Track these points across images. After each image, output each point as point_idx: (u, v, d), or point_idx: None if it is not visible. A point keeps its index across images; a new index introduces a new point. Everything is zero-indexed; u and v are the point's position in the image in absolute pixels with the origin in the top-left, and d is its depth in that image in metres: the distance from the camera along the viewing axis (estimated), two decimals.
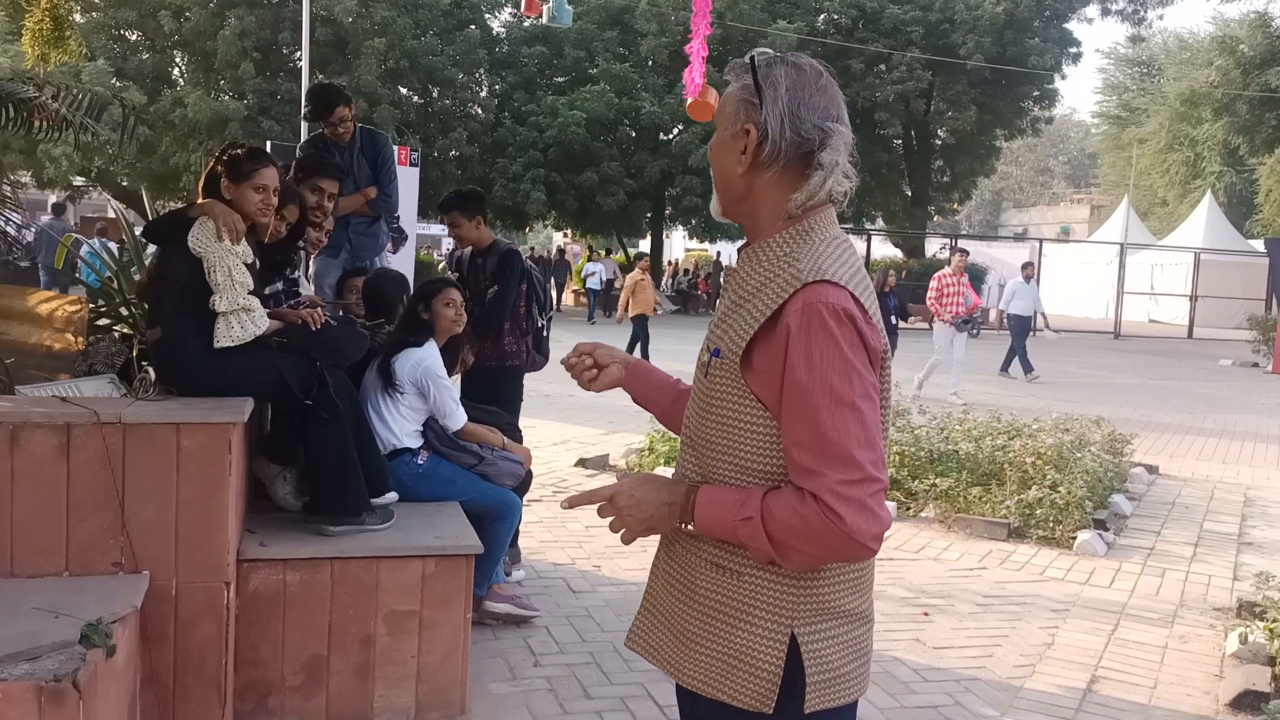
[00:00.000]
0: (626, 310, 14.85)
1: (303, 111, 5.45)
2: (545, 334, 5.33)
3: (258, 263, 3.51)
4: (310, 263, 5.13)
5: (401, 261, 6.32)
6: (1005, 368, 15.76)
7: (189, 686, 3.11)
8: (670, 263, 36.82)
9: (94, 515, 2.99)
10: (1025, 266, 16.56)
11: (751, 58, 1.66)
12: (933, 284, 12.42)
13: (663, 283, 32.03)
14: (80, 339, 3.74)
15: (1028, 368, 15.18)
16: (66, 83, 5.36)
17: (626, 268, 31.00)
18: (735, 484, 1.61)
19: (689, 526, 1.64)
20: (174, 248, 3.29)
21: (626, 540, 1.71)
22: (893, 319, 12.48)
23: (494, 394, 5.08)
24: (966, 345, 12.47)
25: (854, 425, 1.48)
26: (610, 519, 1.70)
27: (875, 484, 1.49)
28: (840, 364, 1.49)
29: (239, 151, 3.48)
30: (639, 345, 14.48)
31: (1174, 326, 29.52)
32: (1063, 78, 29.30)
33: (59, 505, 2.96)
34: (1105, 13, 31.18)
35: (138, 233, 4.81)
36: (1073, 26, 29.38)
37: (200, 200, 3.43)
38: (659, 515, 1.65)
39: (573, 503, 1.76)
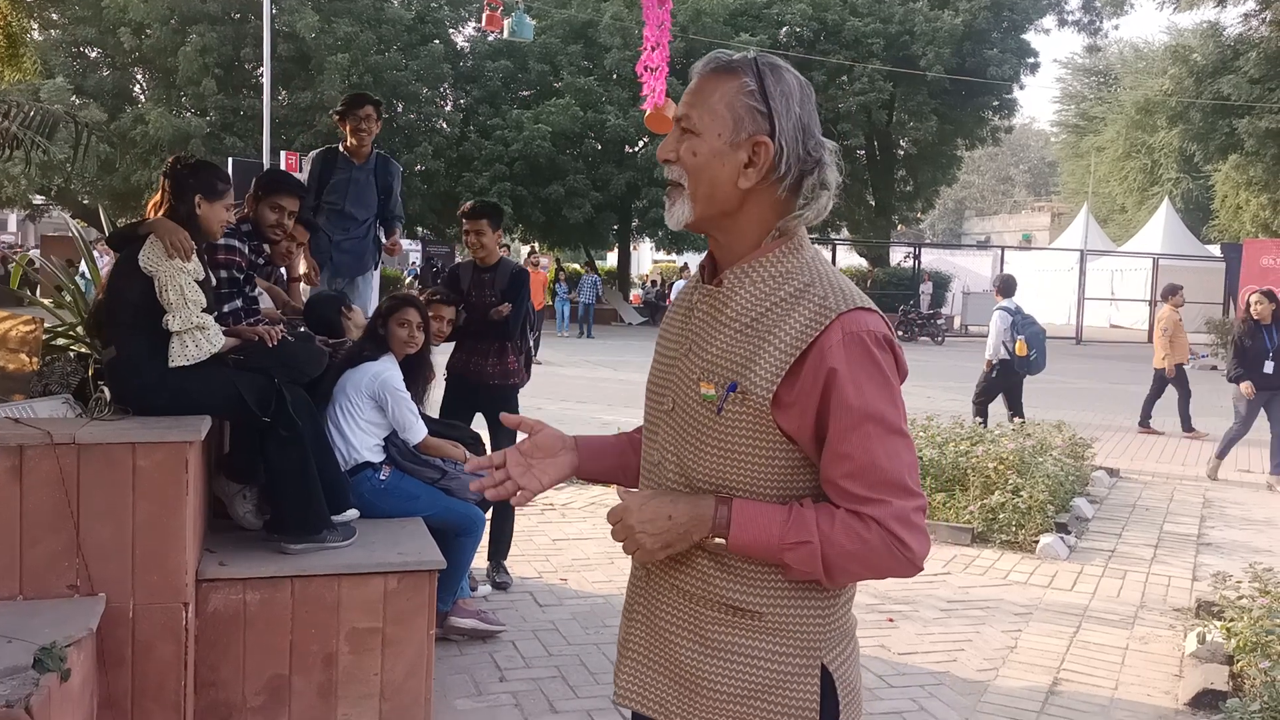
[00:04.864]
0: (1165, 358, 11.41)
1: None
2: (535, 351, 5.43)
3: (211, 279, 3.49)
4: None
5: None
6: None
7: (148, 710, 3.07)
8: (642, 276, 37.03)
9: (48, 537, 2.95)
10: None
11: (755, 58, 1.54)
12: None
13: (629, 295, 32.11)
14: (35, 359, 3.69)
15: None
16: (19, 100, 5.30)
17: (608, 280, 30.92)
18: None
19: (718, 540, 1.52)
20: (126, 266, 3.26)
21: (643, 560, 1.58)
22: (1269, 363, 8.66)
23: (499, 411, 5.09)
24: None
25: (904, 452, 1.49)
26: (623, 540, 1.56)
27: (924, 507, 1.52)
28: (888, 392, 1.49)
29: (210, 169, 3.48)
30: (1182, 400, 11.48)
31: (1134, 331, 29.95)
32: (1021, 88, 29.70)
33: (12, 527, 2.92)
34: (1062, 23, 31.63)
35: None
36: (1030, 37, 29.85)
37: (154, 217, 3.41)
38: (677, 531, 1.52)
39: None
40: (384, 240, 5.84)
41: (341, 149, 5.53)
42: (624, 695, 1.67)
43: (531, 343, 5.46)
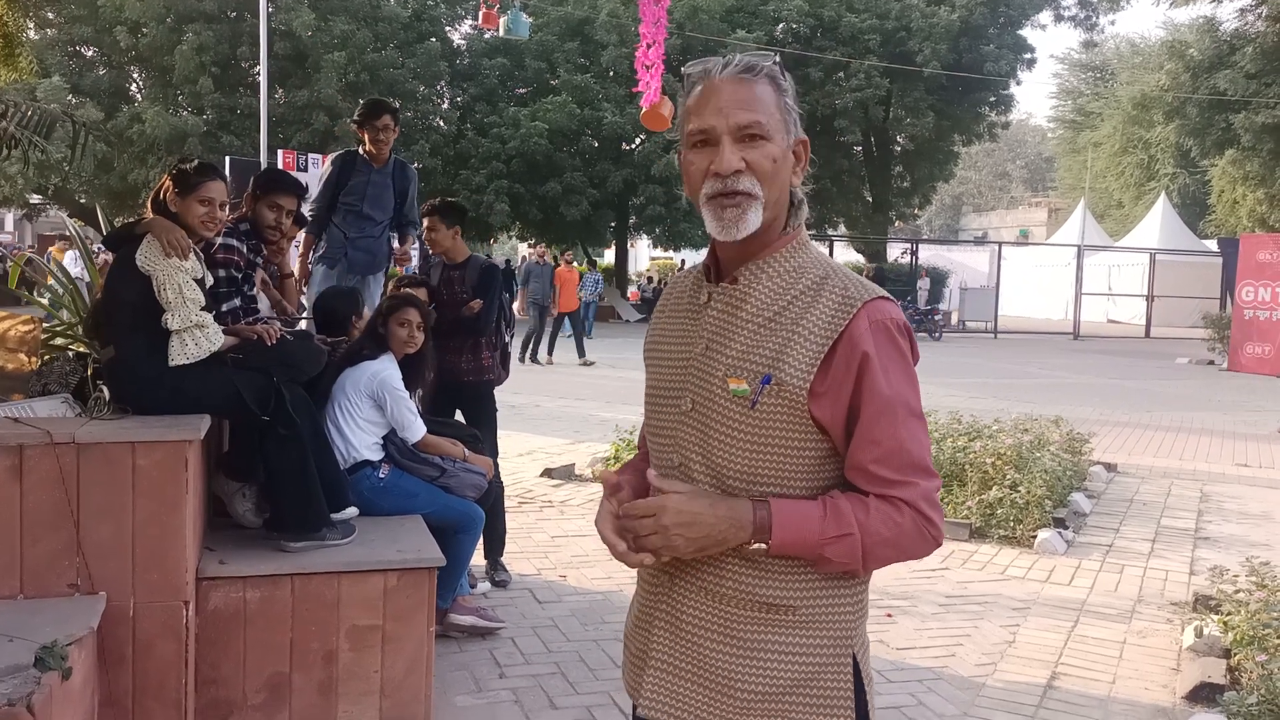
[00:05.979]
0: None
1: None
2: (509, 349, 5.46)
3: (208, 277, 3.49)
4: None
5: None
6: None
7: (149, 708, 3.08)
8: (639, 273, 37.02)
9: (48, 536, 2.96)
10: None
11: (777, 61, 1.58)
12: None
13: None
14: (34, 359, 3.70)
15: None
16: (16, 100, 5.30)
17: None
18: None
19: (759, 546, 1.52)
20: (123, 266, 3.27)
21: (661, 559, 1.55)
22: None
23: (475, 408, 5.15)
24: None
25: (923, 435, 1.56)
26: (650, 535, 1.53)
27: (940, 486, 1.59)
28: (910, 377, 1.55)
29: (186, 166, 3.48)
30: None
31: (1131, 326, 29.99)
32: (1018, 83, 29.79)
33: (13, 527, 2.93)
34: (1058, 19, 31.65)
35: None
36: (1027, 33, 29.82)
37: (148, 216, 3.41)
38: (714, 535, 1.51)
39: (625, 513, 1.57)
40: (397, 246, 5.89)
41: (361, 152, 5.64)
42: (652, 707, 1.62)
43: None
